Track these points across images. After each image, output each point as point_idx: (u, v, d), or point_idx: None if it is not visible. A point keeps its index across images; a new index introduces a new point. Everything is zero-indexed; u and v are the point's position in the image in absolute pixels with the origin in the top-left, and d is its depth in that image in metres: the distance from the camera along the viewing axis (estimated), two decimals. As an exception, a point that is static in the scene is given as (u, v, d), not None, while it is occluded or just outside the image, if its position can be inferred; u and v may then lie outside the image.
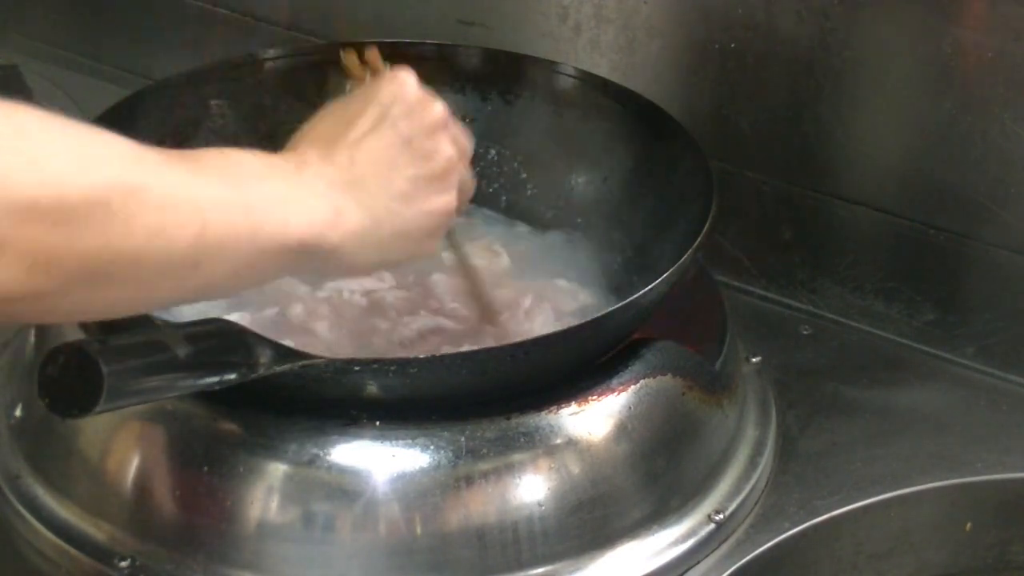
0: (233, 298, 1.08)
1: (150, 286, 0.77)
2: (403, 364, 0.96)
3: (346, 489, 0.95)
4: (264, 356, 0.90)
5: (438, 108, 0.95)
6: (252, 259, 0.81)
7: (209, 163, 0.81)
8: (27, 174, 0.69)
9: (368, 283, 1.15)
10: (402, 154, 0.92)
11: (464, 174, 0.97)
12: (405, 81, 0.95)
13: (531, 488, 0.96)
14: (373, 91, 0.95)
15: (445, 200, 0.93)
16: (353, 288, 1.14)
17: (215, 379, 0.88)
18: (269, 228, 0.81)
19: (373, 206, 0.89)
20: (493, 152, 1.27)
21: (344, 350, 1.07)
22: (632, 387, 1.01)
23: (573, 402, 0.99)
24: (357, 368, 0.94)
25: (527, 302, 1.15)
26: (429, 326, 1.11)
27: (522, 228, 1.24)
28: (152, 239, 0.74)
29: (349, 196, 0.87)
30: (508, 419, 0.97)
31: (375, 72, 1.04)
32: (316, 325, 1.09)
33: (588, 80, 1.24)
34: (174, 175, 0.77)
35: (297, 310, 1.10)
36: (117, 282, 0.75)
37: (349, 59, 1.06)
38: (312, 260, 0.86)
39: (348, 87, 1.02)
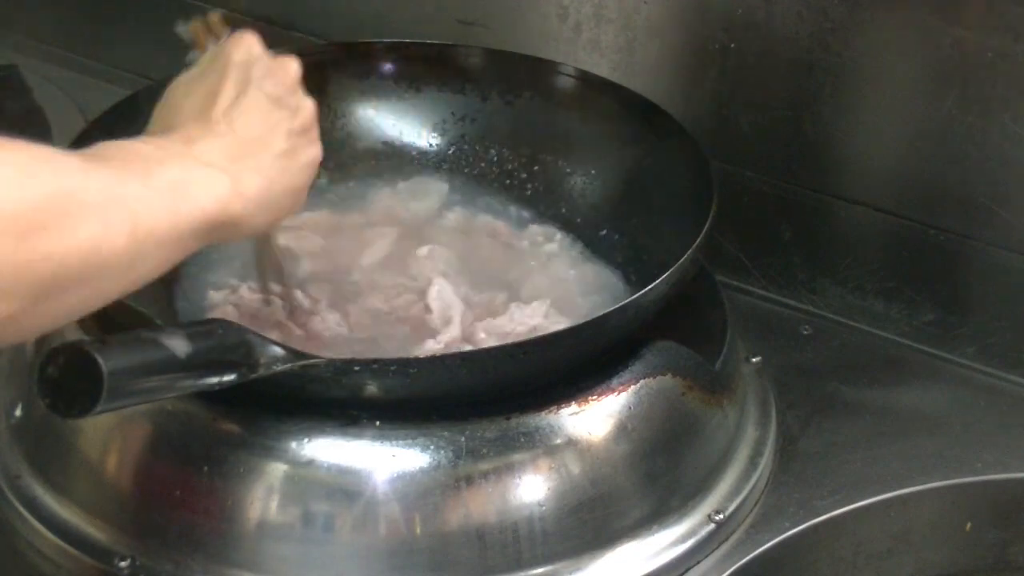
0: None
1: (98, 289, 0.79)
2: (403, 364, 0.96)
3: (346, 489, 0.95)
4: (264, 356, 0.90)
5: (293, 64, 0.97)
6: (176, 241, 0.83)
7: (115, 158, 0.83)
8: None
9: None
10: (273, 112, 0.94)
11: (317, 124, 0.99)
12: (252, 43, 0.97)
13: (531, 488, 0.96)
14: (224, 58, 0.96)
15: (315, 150, 0.96)
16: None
17: (215, 379, 0.88)
18: (183, 210, 0.83)
19: (262, 167, 0.91)
20: (493, 152, 1.27)
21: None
22: (632, 387, 1.01)
23: (573, 402, 0.99)
24: (357, 368, 0.94)
25: (526, 300, 1.15)
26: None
27: (520, 227, 1.24)
28: (96, 242, 0.76)
29: (240, 162, 0.89)
30: (508, 419, 0.97)
31: (218, 37, 1.05)
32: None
33: (588, 80, 1.24)
34: (97, 177, 0.78)
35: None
36: (68, 291, 0.76)
37: (194, 28, 1.07)
38: (221, 230, 0.87)
39: (189, 58, 1.03)
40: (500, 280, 1.17)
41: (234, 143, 0.90)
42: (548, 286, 1.17)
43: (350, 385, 0.95)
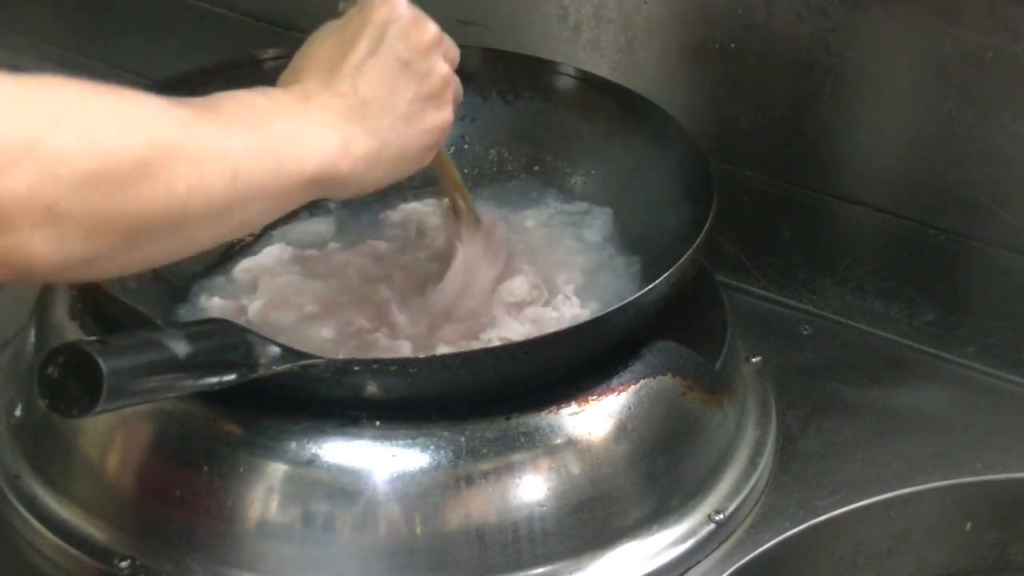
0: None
1: (190, 236, 0.81)
2: (403, 364, 0.96)
3: (346, 489, 0.95)
4: (264, 356, 0.90)
5: (431, 27, 0.97)
6: (277, 195, 0.85)
7: (227, 109, 0.84)
8: (81, 146, 0.73)
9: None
10: (401, 76, 0.94)
11: (457, 86, 1.00)
12: (397, 2, 0.97)
13: (531, 488, 0.96)
14: (366, 14, 0.97)
15: (443, 115, 0.97)
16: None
17: (215, 379, 0.88)
18: (289, 165, 0.85)
19: (378, 130, 0.92)
20: (493, 152, 1.27)
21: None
22: (632, 387, 1.01)
23: (573, 402, 0.99)
24: (357, 368, 0.94)
25: (527, 300, 1.15)
26: None
27: (522, 227, 1.24)
28: (191, 193, 0.78)
29: (355, 123, 0.91)
30: (508, 419, 0.97)
31: None
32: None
33: (588, 80, 1.24)
34: (202, 128, 0.80)
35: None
36: (163, 237, 0.78)
37: None
38: (326, 188, 0.89)
39: (341, 6, 1.03)
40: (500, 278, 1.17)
41: (353, 103, 0.91)
42: (547, 285, 1.17)
43: (350, 385, 0.95)
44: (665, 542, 1.01)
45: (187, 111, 0.80)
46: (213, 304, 1.12)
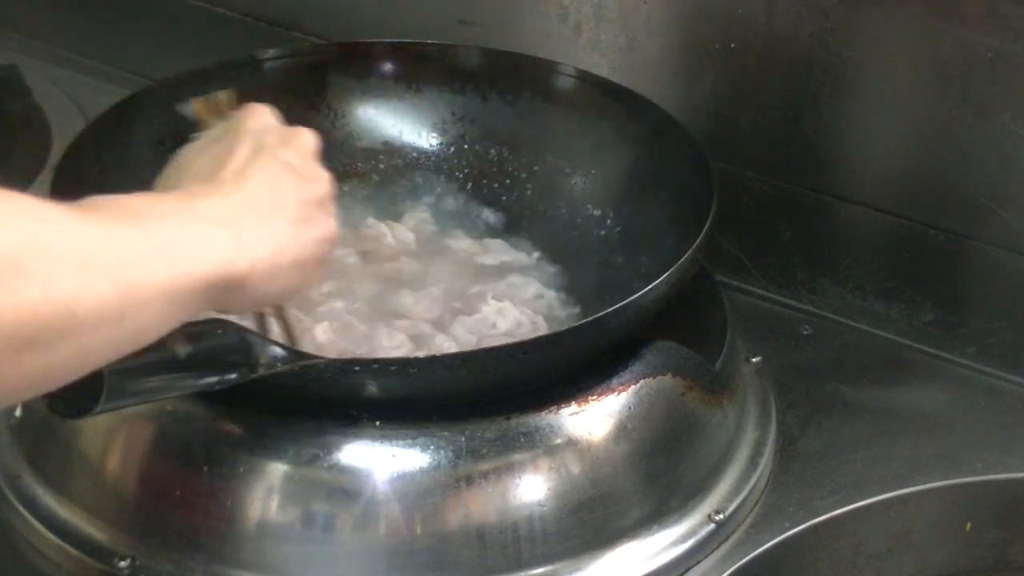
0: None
1: (81, 346, 0.74)
2: (403, 364, 0.96)
3: (346, 489, 0.95)
4: (264, 356, 0.90)
5: (308, 134, 0.94)
6: (171, 301, 0.78)
7: (106, 210, 0.78)
8: None
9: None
10: (287, 179, 0.89)
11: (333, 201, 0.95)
12: (267, 114, 0.95)
13: (531, 488, 0.96)
14: (236, 126, 0.93)
15: (332, 224, 0.92)
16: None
17: (215, 379, 0.88)
18: (183, 266, 0.79)
19: (275, 233, 0.86)
20: (493, 152, 1.27)
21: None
22: (632, 387, 1.01)
23: (573, 402, 0.99)
24: (357, 368, 0.94)
25: (525, 300, 1.15)
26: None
27: (522, 227, 1.24)
28: (76, 294, 0.72)
29: (250, 224, 0.85)
30: (508, 419, 0.97)
31: (224, 116, 1.00)
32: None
33: (588, 80, 1.24)
34: (76, 226, 0.74)
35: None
36: (51, 344, 0.72)
37: (198, 105, 1.02)
38: (224, 292, 0.83)
39: (193, 137, 0.98)
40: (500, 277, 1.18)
41: (242, 203, 0.86)
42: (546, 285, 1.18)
43: (350, 385, 0.95)
44: (665, 542, 1.01)
45: (58, 211, 0.74)
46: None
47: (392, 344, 1.09)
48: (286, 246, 0.87)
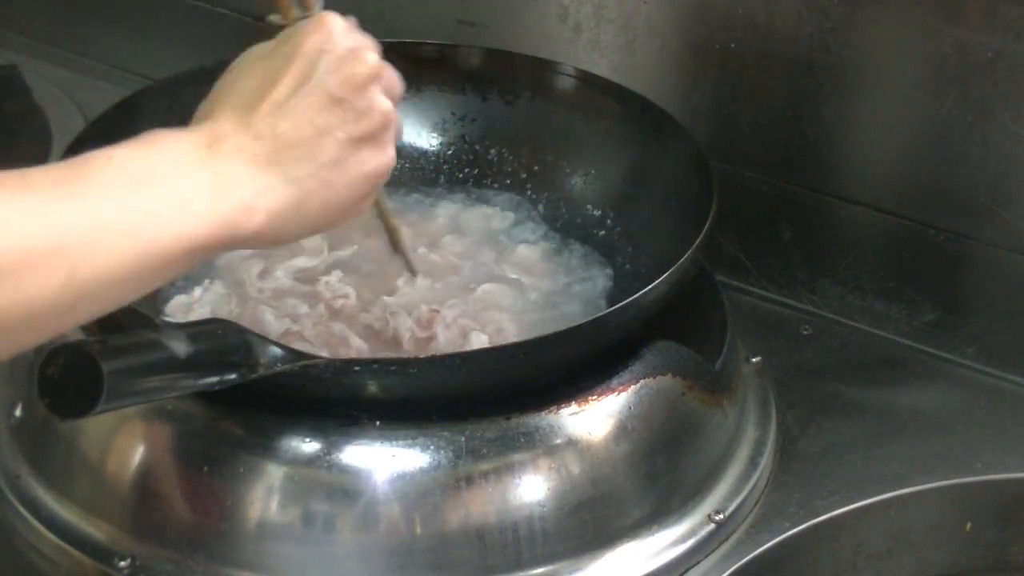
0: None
1: (22, 334, 0.73)
2: (403, 364, 0.96)
3: (346, 489, 0.95)
4: (264, 356, 0.90)
5: (370, 57, 0.86)
6: (151, 266, 0.76)
7: (91, 176, 0.75)
8: None
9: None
10: (332, 115, 0.84)
11: (399, 124, 0.88)
12: (333, 28, 0.86)
13: (531, 488, 0.96)
14: (296, 40, 0.86)
15: (382, 159, 0.86)
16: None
17: (215, 379, 0.88)
18: (165, 236, 0.76)
19: (300, 178, 0.82)
20: (493, 152, 1.27)
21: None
22: (632, 387, 1.01)
23: (573, 402, 0.99)
24: (357, 368, 0.94)
25: (525, 300, 1.15)
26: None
27: (521, 227, 1.24)
28: (10, 302, 0.70)
29: (271, 172, 0.81)
30: (508, 419, 0.97)
31: (305, 6, 0.95)
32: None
33: (588, 80, 1.24)
34: (35, 217, 0.71)
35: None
36: (6, 333, 0.71)
37: None
38: (228, 246, 0.81)
39: (271, 19, 0.93)
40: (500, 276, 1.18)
41: (270, 148, 0.81)
42: (547, 284, 1.18)
43: (350, 385, 0.95)
44: (665, 542, 1.01)
45: (22, 201, 0.71)
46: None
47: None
48: (313, 192, 0.82)
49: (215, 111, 0.84)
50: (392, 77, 0.88)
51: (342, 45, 0.86)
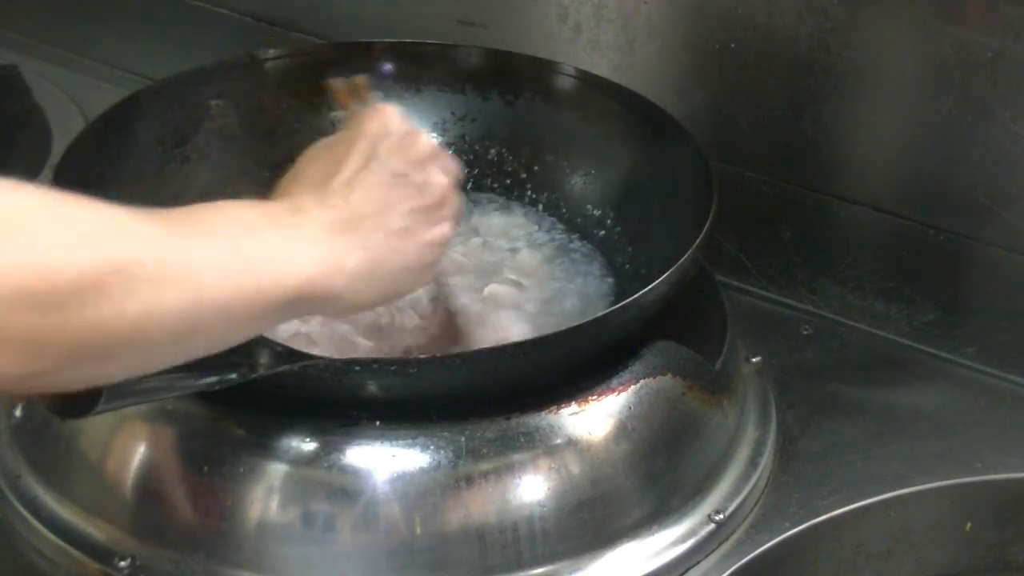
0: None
1: (146, 356, 0.77)
2: (403, 364, 0.96)
3: (346, 489, 0.95)
4: (264, 356, 0.90)
5: (426, 139, 0.96)
6: (251, 314, 0.81)
7: (203, 221, 0.81)
8: (22, 262, 0.68)
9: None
10: (396, 189, 0.92)
11: (457, 200, 0.97)
12: (390, 115, 0.96)
13: (531, 488, 0.96)
14: (358, 129, 0.95)
15: (442, 230, 0.95)
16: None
17: (215, 379, 0.88)
18: (268, 282, 0.81)
19: (373, 245, 0.89)
20: (493, 152, 1.27)
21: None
22: (632, 387, 1.01)
23: (573, 402, 0.99)
24: (357, 368, 0.94)
25: (526, 300, 1.15)
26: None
27: (521, 227, 1.24)
28: (147, 313, 0.73)
29: (349, 238, 0.88)
30: (508, 419, 0.97)
31: (362, 100, 1.06)
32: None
33: (588, 80, 1.24)
34: (168, 243, 0.76)
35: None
36: (112, 357, 0.74)
37: (336, 85, 1.08)
38: (313, 306, 0.87)
39: (333, 116, 1.03)
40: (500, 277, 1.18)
41: (345, 217, 0.88)
42: (547, 285, 1.18)
43: (350, 385, 0.95)
44: (665, 542, 1.01)
45: (155, 224, 0.76)
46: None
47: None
48: (385, 258, 0.90)
49: (291, 191, 0.91)
50: (448, 159, 0.98)
51: (400, 129, 0.95)
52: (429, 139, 0.96)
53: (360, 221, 0.89)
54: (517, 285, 1.17)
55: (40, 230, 0.70)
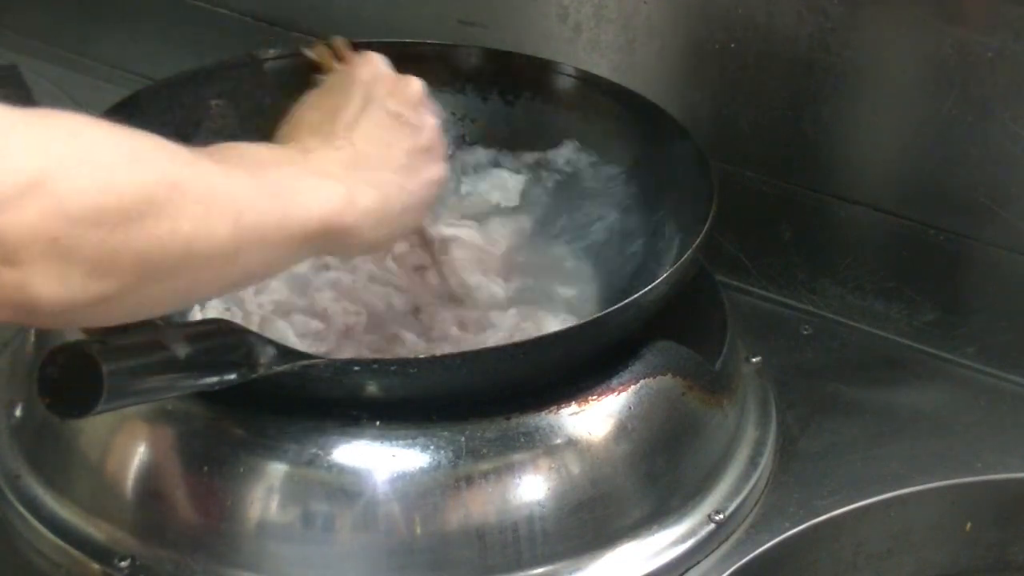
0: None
1: (195, 279, 0.80)
2: (403, 364, 0.96)
3: (346, 489, 0.95)
4: (264, 356, 0.90)
5: (416, 83, 0.99)
6: (281, 245, 0.83)
7: (228, 156, 0.84)
8: (90, 182, 0.72)
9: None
10: (395, 130, 0.95)
11: (444, 143, 1.00)
12: (379, 62, 1.00)
13: (531, 488, 0.96)
14: (350, 76, 0.98)
15: (439, 169, 0.97)
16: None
17: (215, 379, 0.88)
18: (294, 213, 0.83)
19: (381, 183, 0.91)
20: (493, 152, 1.27)
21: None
22: (632, 387, 1.01)
23: (573, 402, 0.99)
24: (357, 368, 0.94)
25: (526, 301, 1.15)
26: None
27: (521, 227, 1.24)
28: (197, 231, 0.76)
29: (357, 176, 0.90)
30: (508, 419, 0.97)
31: (343, 59, 1.07)
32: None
33: (588, 80, 1.24)
34: (208, 169, 0.79)
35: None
36: (168, 279, 0.77)
37: (319, 51, 1.10)
38: (331, 241, 0.88)
39: (315, 80, 1.05)
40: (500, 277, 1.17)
41: (352, 156, 0.92)
42: (547, 285, 1.18)
43: (350, 385, 0.95)
44: (665, 542, 1.01)
45: (192, 153, 0.80)
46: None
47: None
48: (393, 195, 0.92)
49: (294, 137, 0.95)
50: (433, 102, 1.01)
51: (391, 74, 0.99)
52: (419, 81, 0.99)
53: (366, 159, 0.92)
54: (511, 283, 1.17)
55: (103, 152, 0.74)
